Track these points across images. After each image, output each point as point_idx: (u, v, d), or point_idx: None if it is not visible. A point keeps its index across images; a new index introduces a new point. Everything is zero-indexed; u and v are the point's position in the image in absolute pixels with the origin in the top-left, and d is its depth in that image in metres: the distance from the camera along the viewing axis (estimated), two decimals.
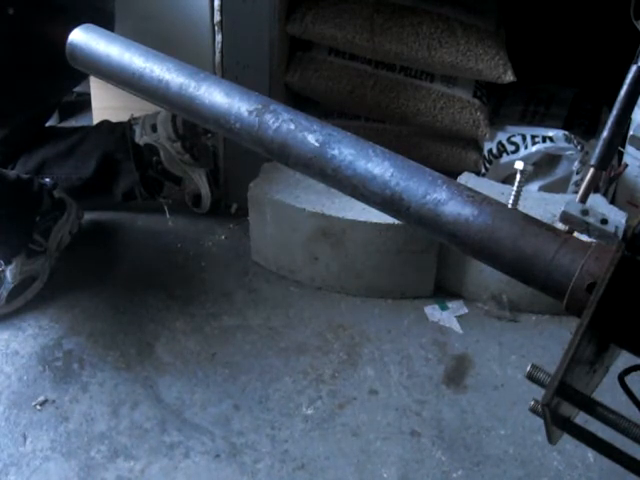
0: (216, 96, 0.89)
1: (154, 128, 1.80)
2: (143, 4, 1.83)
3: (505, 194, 0.76)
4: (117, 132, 1.83)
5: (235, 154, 1.83)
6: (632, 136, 0.77)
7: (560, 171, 1.82)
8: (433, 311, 1.63)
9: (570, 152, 1.78)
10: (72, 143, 1.82)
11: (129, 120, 1.84)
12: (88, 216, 1.82)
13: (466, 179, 1.66)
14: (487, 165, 1.87)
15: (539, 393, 0.64)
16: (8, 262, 1.56)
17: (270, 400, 1.39)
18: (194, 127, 1.81)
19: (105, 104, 2.14)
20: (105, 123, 1.87)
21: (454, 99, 1.85)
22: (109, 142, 1.81)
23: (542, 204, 1.59)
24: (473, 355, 1.52)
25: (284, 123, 0.84)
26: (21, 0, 1.48)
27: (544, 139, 1.79)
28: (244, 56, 1.70)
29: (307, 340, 1.53)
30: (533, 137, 1.81)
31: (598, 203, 1.58)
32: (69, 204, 1.69)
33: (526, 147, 1.81)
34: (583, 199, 0.73)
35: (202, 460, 1.28)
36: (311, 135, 0.83)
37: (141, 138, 1.80)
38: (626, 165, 1.74)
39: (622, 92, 0.73)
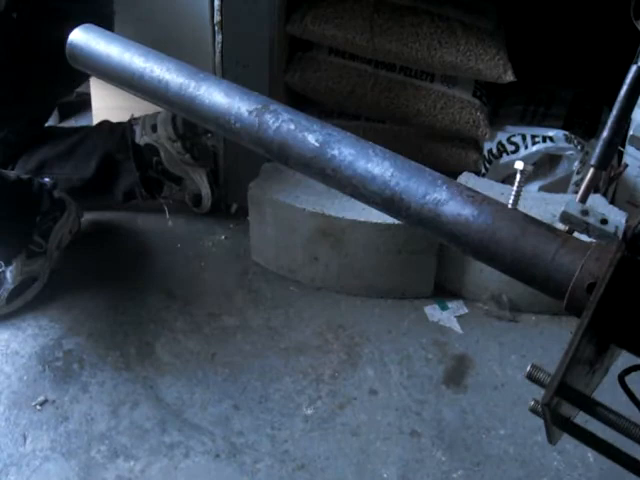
0: (216, 96, 0.89)
1: (154, 128, 1.80)
2: (143, 4, 1.83)
3: (505, 194, 0.76)
4: (117, 132, 1.83)
5: (235, 154, 1.83)
6: (632, 136, 0.77)
7: (560, 171, 1.82)
8: (433, 311, 1.63)
9: (570, 152, 1.78)
10: (72, 143, 1.82)
11: (129, 120, 1.84)
12: (88, 216, 1.82)
13: (466, 179, 1.66)
14: (487, 165, 1.87)
15: (539, 393, 0.64)
16: (8, 263, 1.56)
17: (270, 400, 1.39)
18: (194, 127, 1.82)
19: (105, 104, 2.14)
20: (105, 123, 1.87)
21: (454, 99, 1.85)
22: (109, 142, 1.81)
23: (542, 204, 1.59)
24: (473, 355, 1.52)
25: (284, 123, 0.84)
26: (23, 4, 1.48)
27: (544, 139, 1.79)
28: (244, 56, 1.70)
29: (307, 340, 1.53)
30: (533, 137, 1.81)
31: (598, 203, 1.59)
32: (69, 203, 1.69)
33: (526, 147, 1.81)
34: (583, 199, 0.73)
35: (202, 460, 1.28)
36: (311, 135, 0.83)
37: (141, 138, 1.80)
38: (626, 165, 1.74)
39: (622, 92, 0.73)
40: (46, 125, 1.92)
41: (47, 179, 1.69)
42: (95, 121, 2.12)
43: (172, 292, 1.64)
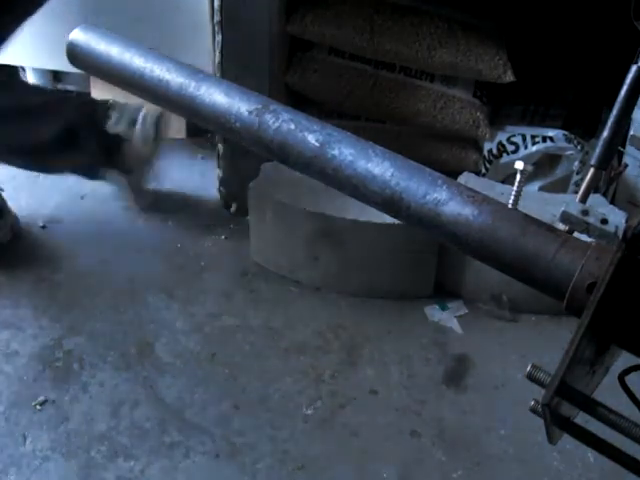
0: (216, 96, 0.89)
1: (133, 123, 1.77)
2: (143, 4, 1.83)
3: (505, 194, 0.76)
4: (84, 111, 1.78)
5: (235, 154, 1.83)
6: (632, 136, 0.77)
7: (560, 171, 1.82)
8: (433, 311, 1.63)
9: (570, 152, 1.78)
10: (33, 104, 1.75)
11: (107, 104, 1.80)
12: (88, 217, 1.83)
13: (466, 179, 1.66)
14: (487, 165, 1.87)
15: (539, 393, 0.64)
16: None
17: (270, 400, 1.39)
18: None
19: None
20: (74, 99, 1.82)
21: (454, 99, 1.85)
22: (74, 118, 1.77)
23: (542, 204, 1.59)
24: (473, 355, 1.51)
25: (284, 123, 0.84)
26: None
27: (544, 139, 1.79)
28: (244, 56, 1.70)
29: (307, 340, 1.53)
30: (533, 137, 1.81)
31: (598, 203, 1.58)
32: (6, 213, 1.70)
33: (526, 147, 1.81)
34: (583, 199, 0.73)
35: (202, 460, 1.27)
36: (311, 135, 0.83)
37: (115, 127, 1.77)
38: (626, 165, 1.74)
39: (622, 92, 0.73)
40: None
41: None
42: None
43: (172, 292, 1.64)
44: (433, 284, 1.66)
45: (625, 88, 0.72)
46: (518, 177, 0.77)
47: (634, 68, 0.72)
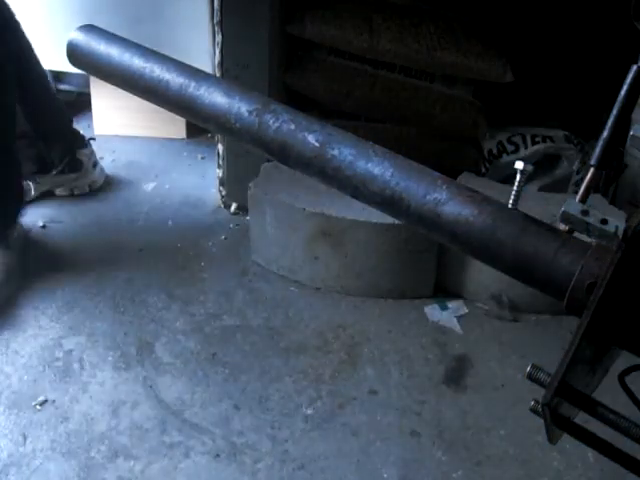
0: (216, 96, 0.89)
1: (94, 164, 1.95)
2: (144, 4, 1.84)
3: (505, 194, 0.76)
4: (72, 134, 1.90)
5: (235, 154, 1.83)
6: (632, 136, 0.77)
7: (560, 171, 1.82)
8: (433, 311, 1.63)
9: (570, 152, 1.78)
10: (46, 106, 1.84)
11: (85, 138, 1.93)
12: (88, 217, 1.83)
13: (466, 179, 1.66)
14: (487, 165, 1.87)
15: (539, 393, 0.64)
16: None
17: (270, 400, 1.39)
18: None
19: (105, 104, 2.14)
20: (69, 125, 1.90)
21: (454, 99, 1.85)
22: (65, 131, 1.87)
23: (542, 204, 1.60)
24: (473, 355, 1.52)
25: (284, 123, 0.84)
26: None
27: (544, 139, 1.80)
28: (244, 56, 1.70)
29: (307, 340, 1.53)
30: (533, 137, 1.81)
31: (598, 203, 1.59)
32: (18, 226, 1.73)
33: (526, 147, 1.81)
34: (583, 199, 0.73)
35: (202, 460, 1.28)
36: (311, 135, 0.83)
37: (83, 154, 1.93)
38: (626, 165, 1.74)
39: (622, 92, 0.73)
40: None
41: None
42: (95, 121, 2.12)
43: (172, 292, 1.64)
44: (433, 284, 1.67)
45: (625, 88, 0.72)
46: (518, 177, 0.77)
47: (634, 68, 0.72)
